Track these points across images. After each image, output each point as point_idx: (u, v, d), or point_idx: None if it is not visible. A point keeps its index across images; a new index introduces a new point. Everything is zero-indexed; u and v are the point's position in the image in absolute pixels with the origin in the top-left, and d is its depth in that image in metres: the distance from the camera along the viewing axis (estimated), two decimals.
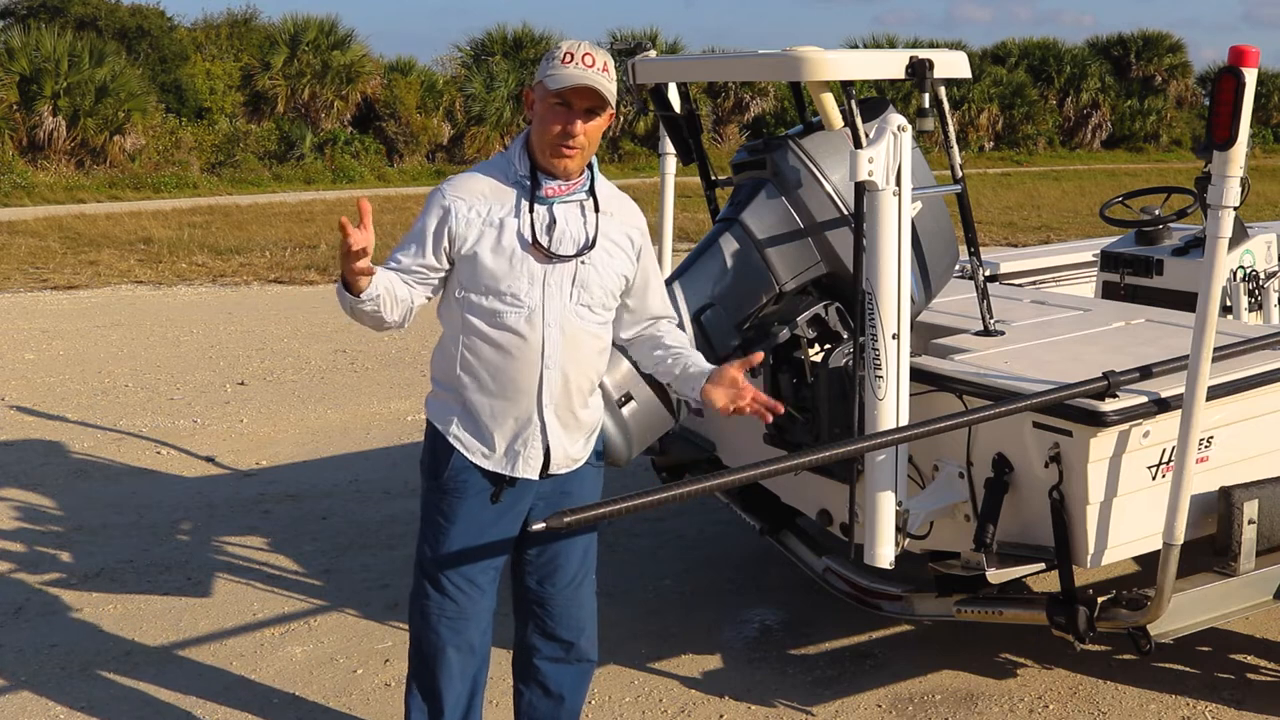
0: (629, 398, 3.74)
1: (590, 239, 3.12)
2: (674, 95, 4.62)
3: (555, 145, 3.03)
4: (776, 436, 4.16)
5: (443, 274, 3.13)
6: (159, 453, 7.13)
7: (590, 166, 3.16)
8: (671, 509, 5.88)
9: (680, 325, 3.52)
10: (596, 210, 3.14)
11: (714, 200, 4.75)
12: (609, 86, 3.01)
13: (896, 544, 3.67)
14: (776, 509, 4.65)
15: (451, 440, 3.18)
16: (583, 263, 3.10)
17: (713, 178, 4.73)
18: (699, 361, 3.26)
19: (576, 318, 3.12)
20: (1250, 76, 3.14)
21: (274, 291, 13.17)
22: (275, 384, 8.84)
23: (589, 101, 3.01)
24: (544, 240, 3.06)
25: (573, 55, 2.98)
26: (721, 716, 4.10)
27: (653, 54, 4.56)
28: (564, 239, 3.09)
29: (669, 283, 3.95)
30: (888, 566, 3.70)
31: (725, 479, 2.93)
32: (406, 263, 3.11)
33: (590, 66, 2.98)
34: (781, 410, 3.14)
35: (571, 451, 3.23)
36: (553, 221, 3.08)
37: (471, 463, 3.17)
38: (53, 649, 4.61)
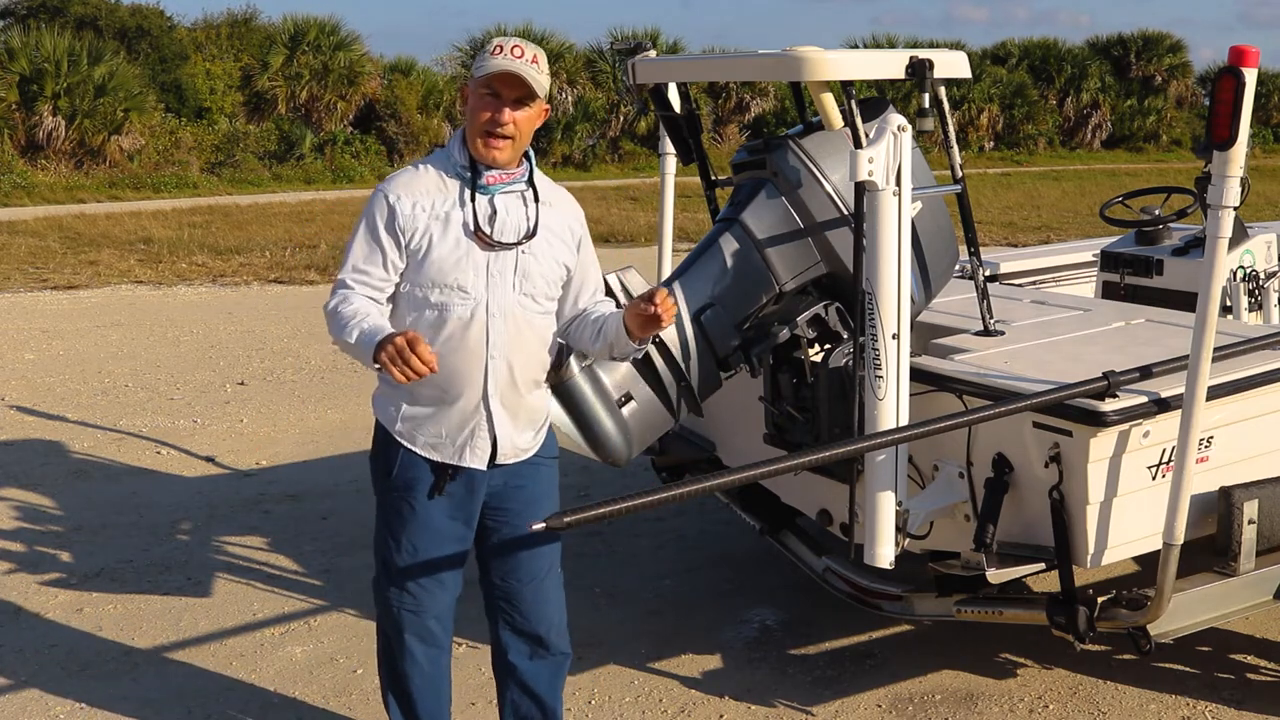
0: (629, 398, 3.74)
1: (531, 227, 3.16)
2: (674, 95, 4.62)
3: (485, 134, 3.09)
4: (776, 436, 4.16)
5: (401, 271, 3.13)
6: (159, 453, 7.13)
7: (528, 159, 3.22)
8: (671, 509, 5.88)
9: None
10: (536, 200, 3.20)
11: (714, 200, 4.75)
12: (537, 77, 3.07)
13: (896, 544, 3.67)
14: (776, 509, 4.65)
15: (397, 436, 3.22)
16: (523, 252, 3.15)
17: (713, 178, 4.73)
18: (611, 317, 3.28)
19: (520, 308, 3.17)
20: (1250, 76, 3.14)
21: (274, 291, 13.17)
22: (275, 384, 8.84)
23: (517, 91, 3.07)
24: (486, 228, 3.11)
25: (502, 48, 3.07)
26: (721, 716, 4.10)
27: (653, 54, 4.56)
28: (505, 227, 3.14)
29: (669, 283, 3.96)
30: (888, 566, 3.70)
31: (725, 479, 2.93)
32: (377, 274, 3.12)
33: (519, 58, 3.05)
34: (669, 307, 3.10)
35: (519, 442, 3.27)
36: (494, 211, 3.13)
37: (420, 456, 3.21)
38: (53, 649, 4.61)
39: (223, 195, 23.59)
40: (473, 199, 3.11)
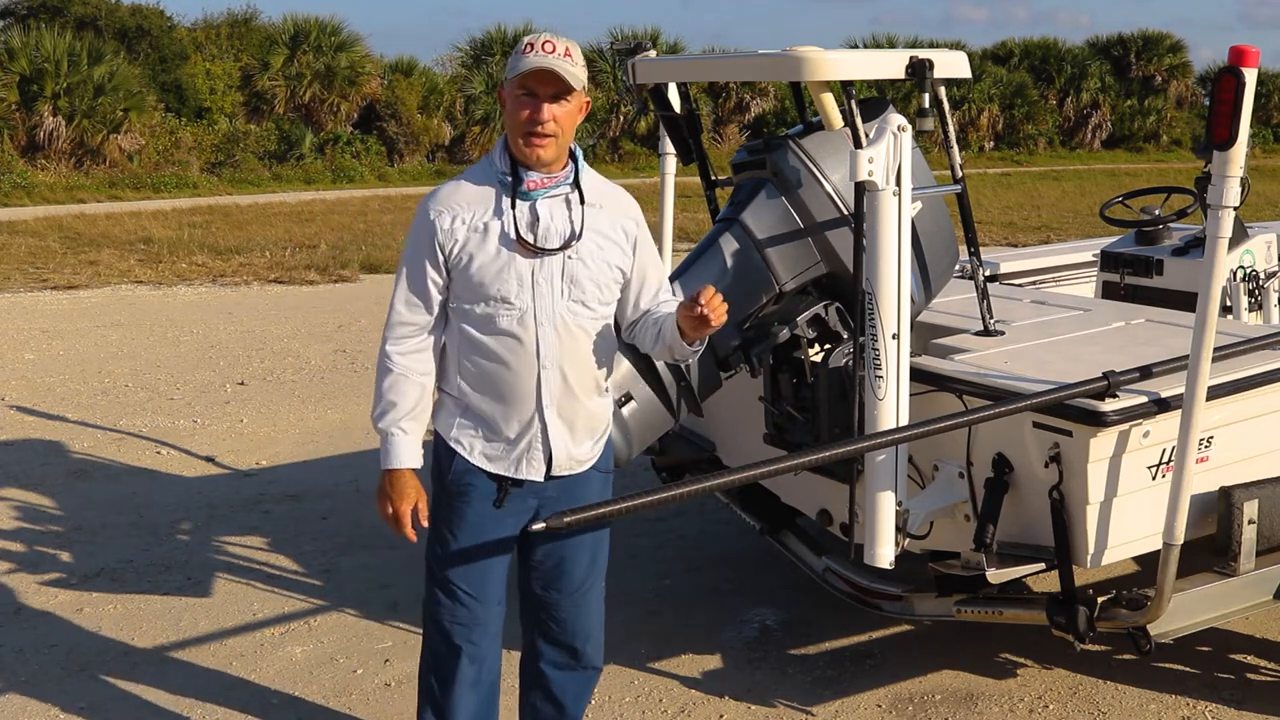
0: (629, 398, 3.74)
1: (576, 231, 3.07)
2: (674, 95, 4.62)
3: (526, 133, 3.00)
4: (776, 436, 4.16)
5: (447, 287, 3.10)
6: (159, 453, 7.13)
7: (574, 158, 3.14)
8: (671, 509, 5.88)
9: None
10: (582, 203, 3.10)
11: (714, 200, 4.75)
12: (572, 70, 2.98)
13: (896, 544, 3.67)
14: (776, 509, 4.65)
15: (453, 444, 3.16)
16: (570, 257, 3.05)
17: (713, 178, 4.73)
18: (669, 320, 3.18)
19: (570, 314, 3.08)
20: (1250, 76, 3.14)
21: (274, 291, 13.17)
22: (275, 384, 8.83)
23: (553, 86, 2.98)
24: (528, 236, 3.02)
25: (532, 45, 2.98)
26: (721, 716, 4.10)
27: (653, 54, 4.56)
28: (549, 233, 3.04)
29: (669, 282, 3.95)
30: (888, 566, 3.70)
31: (725, 479, 2.93)
32: (425, 301, 3.09)
33: (550, 53, 2.96)
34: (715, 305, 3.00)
35: (576, 453, 3.19)
36: (536, 217, 3.04)
37: (474, 465, 3.15)
38: (53, 649, 4.61)
39: (223, 195, 23.59)
40: (513, 206, 3.02)
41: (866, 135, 3.59)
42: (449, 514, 3.20)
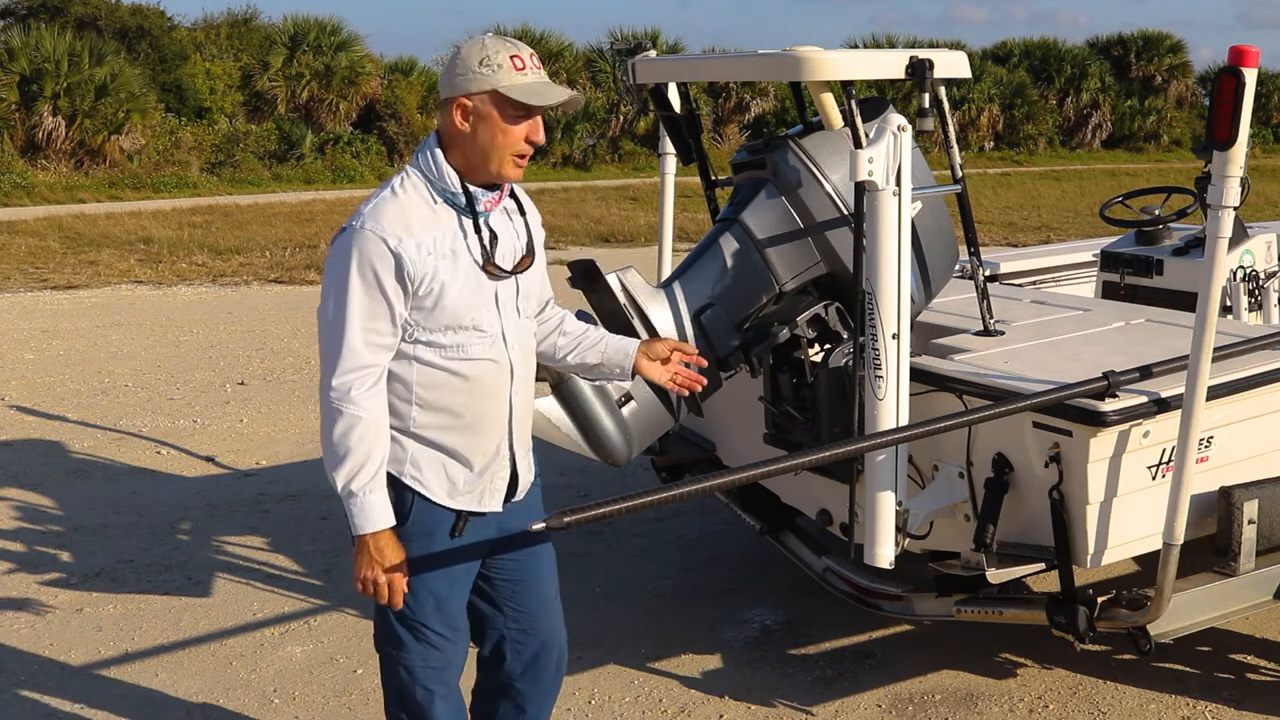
0: (629, 398, 3.74)
1: (527, 244, 2.95)
2: (674, 95, 4.62)
3: (517, 154, 2.82)
4: (776, 436, 4.16)
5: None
6: (159, 453, 7.13)
7: None
8: (671, 509, 5.88)
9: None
10: (522, 213, 2.97)
11: (714, 200, 4.74)
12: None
13: (896, 544, 3.67)
14: (776, 509, 4.65)
15: (410, 483, 2.89)
16: (519, 273, 2.92)
17: (713, 178, 4.72)
18: (614, 339, 3.16)
19: (526, 332, 2.97)
20: (1250, 76, 3.14)
21: (274, 291, 13.17)
22: (275, 384, 8.84)
23: (549, 104, 2.81)
24: (496, 258, 2.85)
25: (522, 60, 2.78)
26: (721, 716, 4.10)
27: (653, 54, 4.56)
28: (506, 252, 2.89)
29: (669, 283, 3.96)
30: (888, 566, 3.69)
31: (725, 479, 2.93)
32: (384, 346, 2.77)
33: (539, 69, 2.82)
34: (705, 363, 3.21)
35: (528, 475, 3.07)
36: (495, 235, 2.87)
37: (435, 503, 2.91)
38: (53, 649, 4.61)
39: (223, 195, 23.60)
40: (477, 229, 2.83)
41: (866, 135, 3.58)
42: (413, 557, 2.91)
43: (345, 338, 2.74)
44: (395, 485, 2.88)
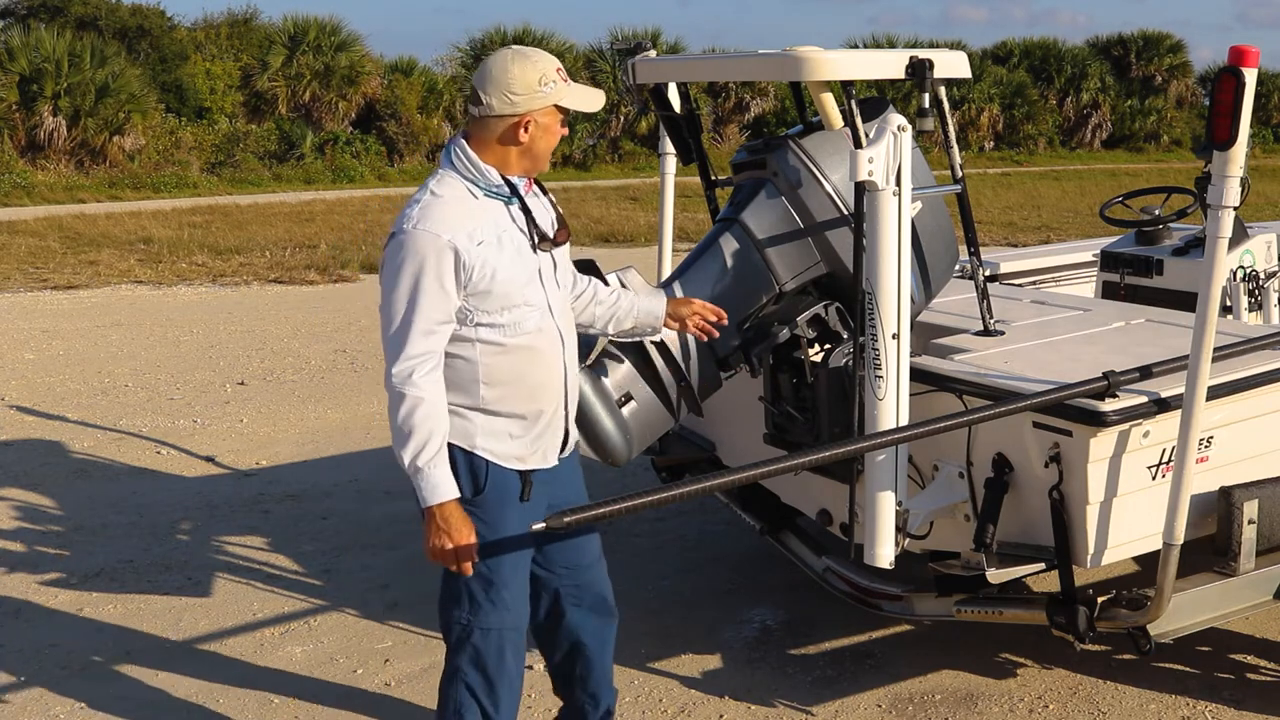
0: (629, 398, 3.74)
1: (558, 217, 3.26)
2: (674, 95, 4.62)
3: (550, 152, 3.18)
4: (776, 436, 4.16)
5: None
6: (159, 453, 7.13)
7: None
8: (671, 509, 5.88)
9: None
10: (545, 192, 3.28)
11: (714, 200, 4.75)
12: None
13: (896, 544, 3.67)
14: (776, 509, 4.65)
15: (483, 454, 3.12)
16: (560, 244, 3.24)
17: (713, 178, 4.72)
18: (643, 302, 3.53)
19: (566, 302, 3.28)
20: (1250, 76, 3.14)
21: (274, 291, 13.17)
22: (275, 384, 8.84)
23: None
24: (547, 231, 3.17)
25: (564, 71, 3.15)
26: (721, 716, 4.10)
27: (653, 54, 4.56)
28: (544, 228, 3.19)
29: (669, 283, 3.96)
30: (888, 566, 3.70)
31: (725, 479, 2.94)
32: (444, 336, 3.01)
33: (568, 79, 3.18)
34: (725, 321, 3.59)
35: (575, 432, 3.37)
36: (533, 215, 3.17)
37: (508, 470, 3.16)
38: (53, 649, 4.61)
39: (223, 195, 23.60)
40: (524, 211, 3.13)
41: (866, 135, 3.58)
42: (490, 524, 3.14)
43: (405, 329, 2.97)
44: (469, 458, 3.11)
